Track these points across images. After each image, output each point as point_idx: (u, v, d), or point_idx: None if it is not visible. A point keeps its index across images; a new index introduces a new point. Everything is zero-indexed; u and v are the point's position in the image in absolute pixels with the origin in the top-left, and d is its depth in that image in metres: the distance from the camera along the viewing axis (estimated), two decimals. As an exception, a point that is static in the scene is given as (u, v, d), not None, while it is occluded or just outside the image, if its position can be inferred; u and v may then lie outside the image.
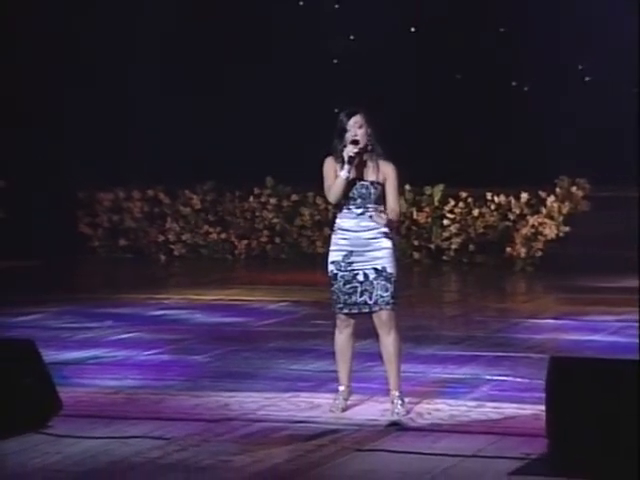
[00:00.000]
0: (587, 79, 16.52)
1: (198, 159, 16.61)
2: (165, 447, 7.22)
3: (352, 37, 17.00)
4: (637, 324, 11.02)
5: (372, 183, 7.74)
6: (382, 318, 7.83)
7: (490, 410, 8.06)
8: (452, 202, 16.66)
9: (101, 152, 16.56)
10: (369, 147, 7.75)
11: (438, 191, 16.71)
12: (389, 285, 7.78)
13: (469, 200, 16.60)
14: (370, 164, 7.76)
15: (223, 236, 17.57)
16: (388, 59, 16.47)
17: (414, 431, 7.56)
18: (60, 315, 12.12)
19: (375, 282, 7.78)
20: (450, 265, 16.51)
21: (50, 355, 8.86)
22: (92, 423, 7.71)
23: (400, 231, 16.72)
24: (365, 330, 11.03)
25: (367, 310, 7.84)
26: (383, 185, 7.78)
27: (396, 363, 7.88)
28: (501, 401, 8.28)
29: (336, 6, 16.93)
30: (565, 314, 12.21)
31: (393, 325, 7.86)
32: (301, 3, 17.09)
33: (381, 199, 7.79)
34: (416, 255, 16.76)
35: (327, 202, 7.97)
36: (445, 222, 16.65)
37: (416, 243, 16.80)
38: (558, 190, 16.29)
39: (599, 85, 16.40)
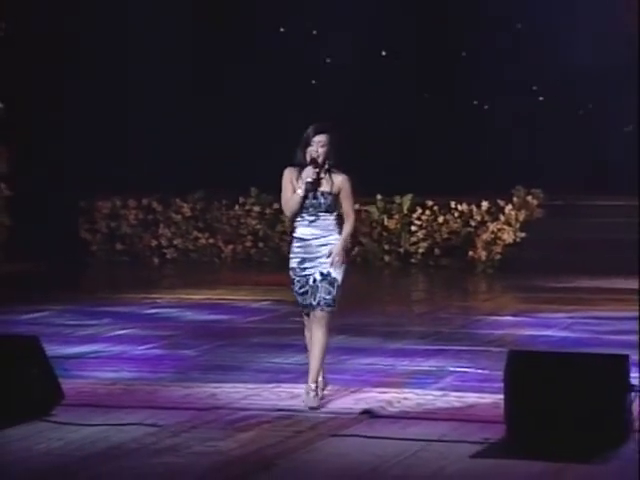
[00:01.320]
0: (540, 98, 16.55)
1: (188, 170, 16.58)
2: (158, 434, 7.20)
3: (328, 60, 16.99)
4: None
5: (323, 194, 7.63)
6: (318, 316, 7.73)
7: (454, 399, 8.06)
8: (419, 210, 16.67)
9: (100, 164, 16.51)
10: (326, 165, 7.65)
11: (407, 200, 16.72)
12: (332, 289, 7.69)
13: (435, 208, 16.61)
14: (323, 176, 7.65)
15: (211, 241, 17.54)
16: (361, 79, 16.47)
17: (385, 418, 7.56)
18: (62, 313, 12.08)
19: (320, 285, 7.69)
20: (418, 267, 16.51)
21: (53, 350, 8.83)
22: (91, 412, 7.69)
23: (372, 236, 16.77)
24: (340, 326, 11.09)
25: (313, 310, 7.74)
26: (336, 195, 7.66)
27: (319, 358, 7.74)
28: (464, 391, 8.28)
29: (314, 32, 16.92)
30: (522, 311, 12.24)
31: (325, 324, 7.73)
32: (282, 29, 17.07)
33: (332, 208, 7.67)
34: (387, 258, 16.77)
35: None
36: (413, 228, 16.67)
37: (387, 247, 16.80)
38: (515, 199, 16.31)
39: (551, 104, 16.43)
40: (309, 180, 7.59)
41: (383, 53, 16.91)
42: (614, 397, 6.84)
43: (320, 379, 7.86)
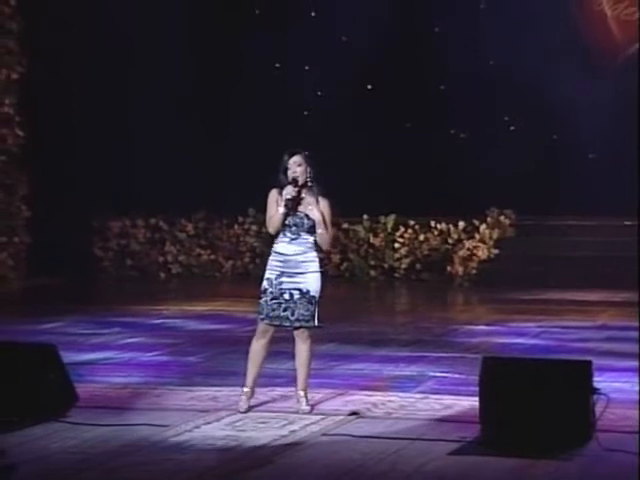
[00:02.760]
0: (512, 128, 16.58)
1: (192, 193, 16.58)
2: (164, 433, 7.19)
3: (319, 93, 17.02)
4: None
5: (306, 215, 7.59)
6: (301, 331, 7.67)
7: (433, 401, 8.05)
8: (402, 229, 16.68)
9: (111, 187, 16.50)
10: (307, 183, 7.63)
11: (390, 220, 16.74)
12: (310, 305, 7.60)
13: (416, 227, 16.63)
14: (308, 198, 7.60)
15: (212, 257, 17.53)
16: (350, 111, 16.49)
17: (370, 419, 7.55)
18: (77, 323, 12.05)
19: (298, 302, 7.59)
20: (401, 281, 16.51)
21: (68, 357, 8.80)
22: (103, 413, 7.67)
23: (359, 252, 16.76)
24: (329, 334, 11.10)
25: (288, 324, 7.64)
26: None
27: (305, 367, 7.70)
28: (442, 394, 8.27)
29: (306, 67, 16.94)
30: (495, 321, 12.22)
31: (308, 336, 7.66)
32: (277, 65, 17.10)
33: (313, 229, 7.59)
34: (372, 273, 16.77)
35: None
36: (396, 245, 16.67)
37: (372, 263, 16.81)
38: (489, 219, 16.33)
39: (522, 133, 16.46)
40: (289, 197, 7.57)
41: (369, 87, 16.93)
42: (579, 399, 6.84)
43: (246, 389, 7.74)
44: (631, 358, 9.72)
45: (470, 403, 7.55)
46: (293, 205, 7.57)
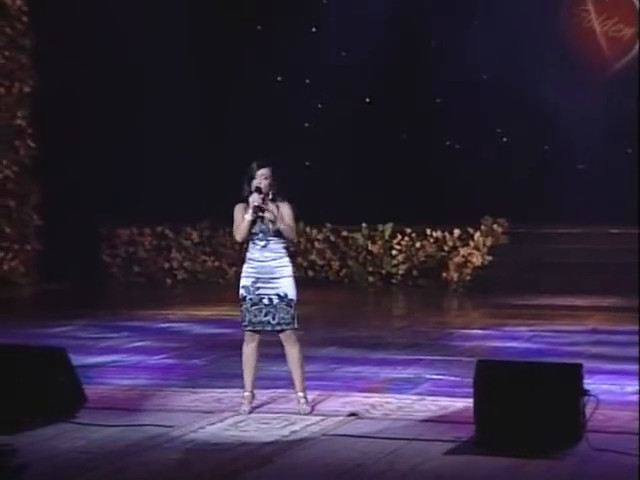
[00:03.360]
0: (505, 140, 16.58)
1: (197, 202, 16.57)
2: (170, 433, 7.19)
3: (320, 105, 17.01)
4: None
5: (270, 221, 7.58)
6: (286, 335, 7.66)
7: (429, 403, 8.04)
8: (399, 236, 16.66)
9: (119, 196, 16.49)
10: (270, 195, 7.62)
11: (388, 228, 16.72)
12: (290, 309, 7.60)
13: (413, 235, 16.61)
14: (270, 205, 7.60)
15: (216, 264, 17.51)
16: (350, 123, 16.48)
17: (369, 420, 7.54)
18: (86, 327, 12.03)
19: (278, 306, 7.60)
20: (398, 287, 16.48)
21: (78, 359, 8.78)
22: (111, 414, 7.67)
23: (358, 259, 16.76)
24: (330, 338, 11.08)
25: (270, 329, 7.65)
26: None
27: (300, 369, 7.67)
28: (438, 395, 8.26)
29: (307, 80, 16.95)
30: (489, 326, 12.18)
31: (295, 339, 7.66)
32: (279, 78, 17.10)
33: (279, 233, 7.60)
34: (371, 279, 16.75)
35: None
36: (394, 252, 16.65)
37: (371, 269, 16.79)
38: (483, 227, 16.31)
39: (514, 144, 16.46)
40: (255, 204, 7.55)
41: (367, 100, 16.94)
42: (570, 401, 6.84)
43: (246, 393, 7.72)
44: (619, 361, 9.75)
45: (465, 404, 7.53)
46: (259, 212, 7.54)
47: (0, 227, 16.47)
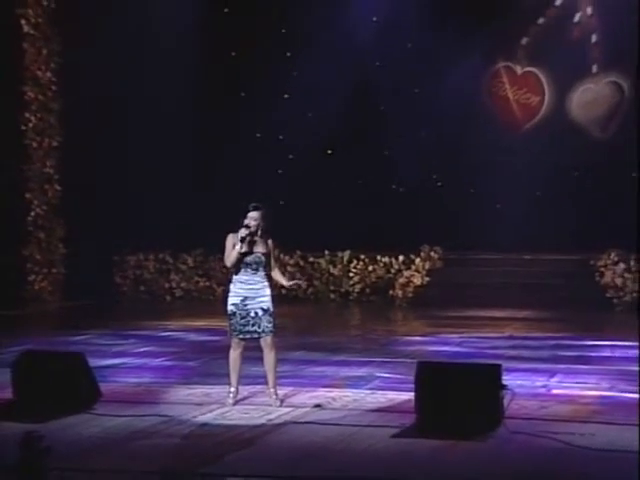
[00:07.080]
0: (439, 184, 16.64)
1: (191, 233, 16.51)
2: (168, 422, 7.15)
3: (290, 156, 17.01)
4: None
5: (262, 254, 7.70)
6: (267, 341, 7.68)
7: (379, 396, 8.04)
8: (355, 261, 16.68)
9: (128, 229, 16.42)
10: (258, 233, 7.69)
11: (346, 254, 16.73)
12: (271, 319, 7.68)
13: (366, 260, 16.63)
14: (260, 242, 7.70)
15: (207, 284, 17.45)
16: (316, 171, 16.48)
17: (330, 410, 7.53)
18: (101, 336, 11.93)
19: (262, 317, 7.66)
20: (354, 302, 16.47)
21: (94, 362, 8.72)
22: (122, 406, 7.61)
23: (322, 280, 16.73)
24: (299, 344, 11.03)
25: (256, 336, 7.69)
26: (268, 254, 7.74)
27: (274, 370, 7.70)
28: (386, 390, 8.25)
29: (280, 137, 16.95)
30: (427, 333, 12.20)
31: (273, 345, 7.69)
32: (258, 135, 17.10)
33: (266, 264, 7.73)
34: (332, 296, 16.73)
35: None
36: (351, 274, 16.66)
37: (332, 288, 16.77)
38: (422, 254, 16.38)
39: (447, 188, 16.52)
40: (242, 235, 7.64)
41: (329, 152, 16.98)
42: (491, 394, 6.87)
43: (232, 389, 7.73)
44: (531, 361, 9.81)
45: (408, 397, 7.51)
46: (247, 244, 7.63)
47: (32, 255, 16.42)
